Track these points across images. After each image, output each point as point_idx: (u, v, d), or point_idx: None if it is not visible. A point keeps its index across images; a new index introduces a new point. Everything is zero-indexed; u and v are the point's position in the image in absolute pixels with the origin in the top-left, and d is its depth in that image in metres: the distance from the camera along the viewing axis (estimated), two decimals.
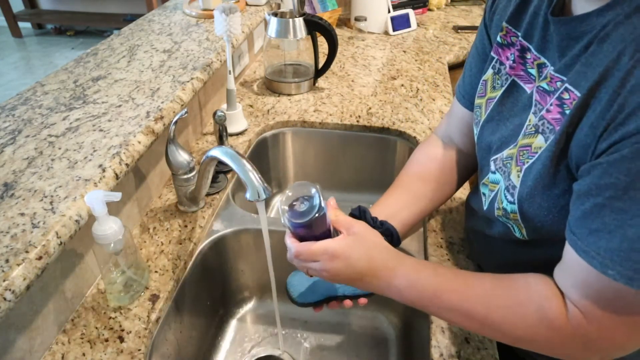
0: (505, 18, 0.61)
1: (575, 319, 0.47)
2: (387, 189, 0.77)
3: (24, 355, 0.58)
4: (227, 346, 0.90)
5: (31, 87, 0.88)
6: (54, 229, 0.57)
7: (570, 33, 0.48)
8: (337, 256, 0.55)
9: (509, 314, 0.51)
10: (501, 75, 0.62)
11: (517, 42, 0.59)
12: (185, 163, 0.79)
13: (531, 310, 0.49)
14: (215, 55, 1.04)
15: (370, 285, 0.57)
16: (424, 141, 0.82)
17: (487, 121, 0.63)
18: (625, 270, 0.41)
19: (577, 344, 0.48)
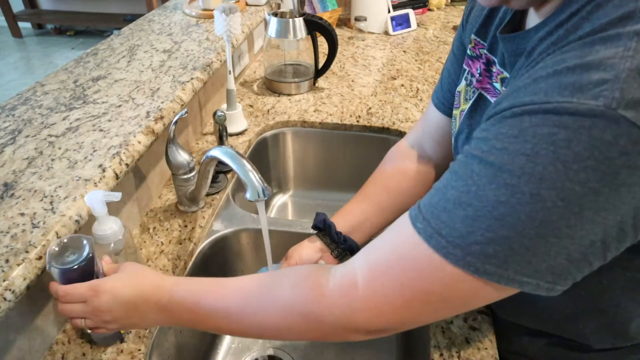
0: (474, 30, 0.61)
1: (341, 285, 0.46)
2: (354, 196, 0.77)
3: (24, 355, 0.58)
4: (226, 346, 0.90)
5: (31, 87, 0.88)
6: (54, 229, 0.57)
7: (514, 49, 0.48)
8: (103, 290, 0.52)
9: (262, 302, 0.49)
10: (471, 87, 0.61)
11: (484, 54, 0.58)
12: (185, 163, 0.79)
13: (284, 293, 0.49)
14: (215, 55, 1.04)
15: (147, 315, 0.53)
16: (394, 149, 0.80)
17: (458, 133, 0.62)
18: (429, 226, 0.41)
19: (337, 314, 0.46)
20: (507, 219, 0.37)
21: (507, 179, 0.37)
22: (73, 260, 0.52)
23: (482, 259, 0.38)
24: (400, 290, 0.43)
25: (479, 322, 0.66)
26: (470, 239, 0.39)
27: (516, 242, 0.37)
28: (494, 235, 0.38)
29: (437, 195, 0.42)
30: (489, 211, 0.38)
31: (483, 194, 0.38)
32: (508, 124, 0.38)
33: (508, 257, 0.38)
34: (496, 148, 0.38)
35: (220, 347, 0.89)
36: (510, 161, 0.37)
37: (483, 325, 0.65)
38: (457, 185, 0.40)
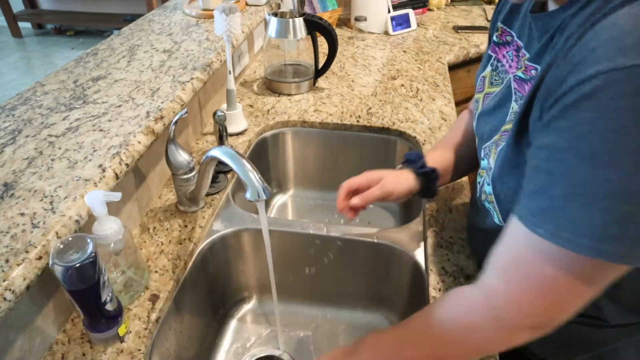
0: (500, 18, 0.66)
1: (485, 290, 0.49)
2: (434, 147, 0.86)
3: (24, 355, 0.58)
4: (227, 346, 0.90)
5: (31, 87, 0.88)
6: (54, 229, 0.57)
7: (544, 27, 0.51)
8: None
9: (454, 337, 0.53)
10: (499, 72, 0.65)
11: (513, 41, 0.62)
12: (185, 163, 0.79)
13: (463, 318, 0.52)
14: (215, 55, 1.04)
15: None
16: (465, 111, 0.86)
17: (481, 114, 0.67)
18: (551, 228, 0.42)
19: (489, 320, 0.49)
20: (621, 195, 0.38)
21: (607, 158, 0.37)
22: (76, 259, 0.52)
23: (610, 241, 0.39)
24: (539, 290, 0.45)
25: None
26: (593, 226, 0.39)
27: (637, 214, 0.38)
28: (614, 214, 0.38)
29: (542, 199, 0.43)
30: (601, 194, 0.38)
31: (590, 181, 0.39)
32: (584, 107, 0.38)
33: (637, 233, 0.38)
34: (584, 134, 0.38)
35: (220, 348, 0.89)
36: (602, 142, 0.37)
37: None
38: (559, 181, 0.41)
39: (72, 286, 0.54)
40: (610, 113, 0.37)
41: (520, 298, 0.46)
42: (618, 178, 0.37)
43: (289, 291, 0.95)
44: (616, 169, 0.37)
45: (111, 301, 0.60)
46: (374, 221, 1.17)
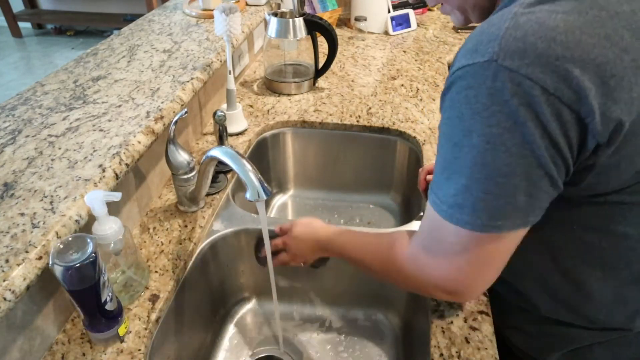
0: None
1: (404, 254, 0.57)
2: None
3: (24, 355, 0.58)
4: (227, 346, 0.90)
5: (31, 87, 0.88)
6: (54, 229, 0.57)
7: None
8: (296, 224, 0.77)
9: (373, 255, 0.64)
10: None
11: None
12: (185, 163, 0.79)
13: (385, 250, 0.61)
14: (215, 55, 1.04)
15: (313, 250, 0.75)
16: None
17: None
18: (433, 195, 0.50)
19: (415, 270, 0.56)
20: (462, 170, 0.45)
21: (454, 138, 0.46)
22: (76, 259, 0.52)
23: (458, 209, 0.47)
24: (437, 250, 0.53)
25: (479, 322, 0.66)
26: (449, 195, 0.47)
27: (474, 188, 0.45)
28: (458, 185, 0.46)
29: (436, 172, 0.51)
30: (452, 169, 0.47)
31: (448, 158, 0.47)
32: (446, 98, 0.47)
33: (475, 204, 0.45)
34: (444, 119, 0.48)
35: (220, 348, 0.89)
36: (451, 125, 0.46)
37: (483, 325, 0.65)
38: (437, 158, 0.50)
39: (72, 286, 0.54)
40: (454, 102, 0.45)
41: (429, 262, 0.53)
42: (461, 156, 0.45)
43: (289, 291, 0.95)
44: (460, 148, 0.45)
45: (111, 301, 0.60)
46: (374, 221, 1.17)
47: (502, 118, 0.42)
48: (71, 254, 0.53)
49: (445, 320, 0.66)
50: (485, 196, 0.45)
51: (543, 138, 0.42)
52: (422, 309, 0.74)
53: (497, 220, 0.45)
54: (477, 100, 0.43)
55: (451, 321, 0.66)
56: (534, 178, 0.43)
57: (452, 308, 0.68)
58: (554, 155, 0.43)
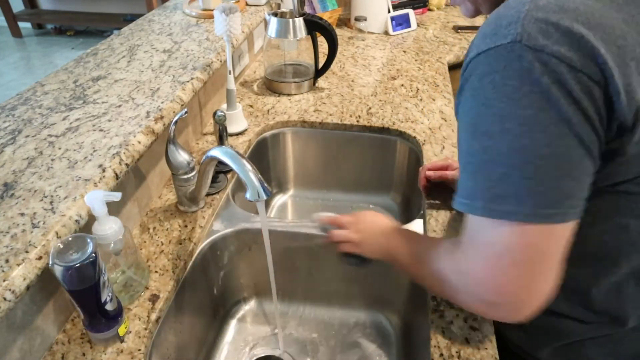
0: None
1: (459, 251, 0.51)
2: None
3: (24, 355, 0.58)
4: (227, 346, 0.90)
5: (31, 87, 0.88)
6: (54, 229, 0.57)
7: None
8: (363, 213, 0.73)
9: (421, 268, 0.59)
10: None
11: None
12: (185, 163, 0.79)
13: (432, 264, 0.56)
14: (215, 55, 1.04)
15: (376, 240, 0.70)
16: None
17: None
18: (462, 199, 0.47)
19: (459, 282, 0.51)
20: (497, 159, 0.43)
21: (482, 127, 0.43)
22: (76, 259, 0.52)
23: (499, 201, 0.43)
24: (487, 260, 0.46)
25: (479, 322, 0.66)
26: (480, 189, 0.44)
27: (514, 174, 0.42)
28: (495, 175, 0.43)
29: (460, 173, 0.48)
30: (482, 160, 0.44)
31: (473, 150, 0.44)
32: (465, 89, 0.45)
33: (518, 191, 0.42)
34: (465, 111, 0.45)
35: (220, 348, 0.89)
36: (477, 114, 0.44)
37: (483, 325, 0.65)
38: (459, 156, 0.47)
39: (72, 286, 0.54)
40: (477, 90, 0.43)
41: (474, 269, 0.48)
42: (491, 144, 0.43)
43: (288, 291, 0.96)
44: (490, 136, 0.43)
45: (111, 301, 0.60)
46: None
47: (535, 98, 0.40)
48: (71, 254, 0.53)
49: (445, 320, 0.66)
50: (528, 182, 0.41)
51: (578, 115, 0.40)
52: (422, 309, 0.74)
53: (544, 207, 0.42)
54: (504, 83, 0.41)
55: (451, 321, 0.66)
56: (576, 158, 0.41)
57: (452, 308, 0.68)
58: (590, 133, 0.41)
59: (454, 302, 0.55)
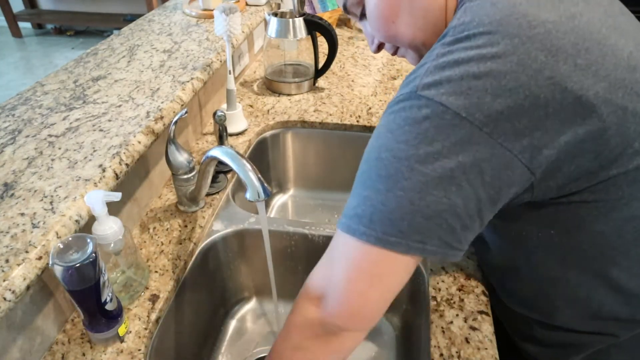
0: None
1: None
2: None
3: (24, 355, 0.58)
4: (227, 346, 0.90)
5: (31, 87, 0.88)
6: (54, 229, 0.57)
7: None
8: None
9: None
10: None
11: None
12: (185, 163, 0.79)
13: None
14: (215, 55, 1.04)
15: None
16: None
17: None
18: (340, 217, 0.50)
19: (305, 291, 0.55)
20: (366, 182, 0.47)
21: (366, 155, 0.49)
22: (76, 259, 0.52)
23: (356, 219, 0.47)
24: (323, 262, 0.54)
25: (479, 322, 0.66)
26: (349, 208, 0.48)
27: (373, 198, 0.46)
28: (360, 197, 0.47)
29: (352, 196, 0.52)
30: (359, 181, 0.49)
31: (359, 172, 0.49)
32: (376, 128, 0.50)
33: (373, 214, 0.46)
34: (370, 140, 0.50)
35: (220, 348, 0.89)
36: (369, 144, 0.49)
37: (483, 325, 0.65)
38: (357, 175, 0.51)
39: (72, 286, 0.54)
40: (377, 127, 0.49)
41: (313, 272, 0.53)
42: (366, 169, 0.48)
43: (289, 291, 0.95)
44: (367, 162, 0.48)
45: (111, 301, 0.60)
46: None
47: (411, 137, 0.44)
48: (71, 254, 0.53)
49: (445, 320, 0.66)
50: (383, 208, 0.45)
51: (448, 159, 0.43)
52: (422, 309, 0.74)
53: (391, 235, 0.45)
54: (394, 121, 0.46)
55: (451, 321, 0.66)
56: (430, 198, 0.44)
57: (452, 308, 0.68)
58: (460, 179, 0.43)
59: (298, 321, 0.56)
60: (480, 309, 0.68)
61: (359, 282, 0.48)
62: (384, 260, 0.47)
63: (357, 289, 0.49)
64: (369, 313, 0.50)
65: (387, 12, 0.56)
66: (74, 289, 0.55)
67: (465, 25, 0.46)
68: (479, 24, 0.44)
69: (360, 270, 0.48)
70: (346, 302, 0.49)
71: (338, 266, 0.50)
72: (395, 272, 0.48)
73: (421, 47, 0.57)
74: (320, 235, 0.85)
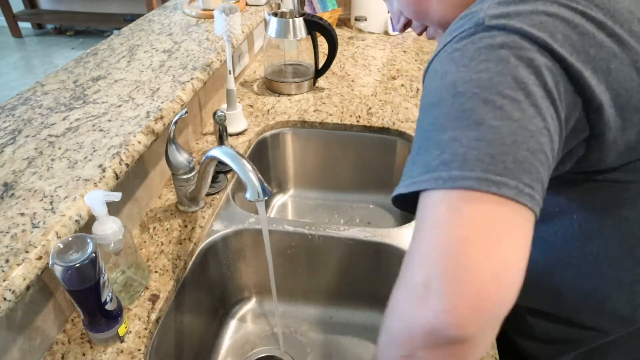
0: None
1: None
2: None
3: (24, 355, 0.58)
4: (227, 346, 0.90)
5: (31, 87, 0.88)
6: (54, 229, 0.57)
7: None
8: None
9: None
10: None
11: None
12: (185, 163, 0.79)
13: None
14: (215, 55, 1.04)
15: None
16: None
17: None
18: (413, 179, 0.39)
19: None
20: (446, 124, 0.39)
21: (434, 99, 0.42)
22: (76, 259, 0.52)
23: (444, 168, 0.37)
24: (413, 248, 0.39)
25: None
26: (427, 162, 0.39)
27: (462, 136, 0.37)
28: (443, 142, 0.38)
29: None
30: (433, 129, 0.40)
31: (427, 123, 0.41)
32: (427, 74, 0.46)
33: (466, 153, 0.36)
34: (423, 94, 0.45)
35: (220, 348, 0.89)
36: (432, 89, 0.43)
37: None
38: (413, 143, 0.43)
39: (72, 286, 0.54)
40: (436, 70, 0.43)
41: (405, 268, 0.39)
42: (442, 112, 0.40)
43: (289, 291, 0.96)
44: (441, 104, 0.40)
45: (111, 301, 0.60)
46: (374, 221, 1.17)
47: (492, 65, 0.39)
48: (71, 254, 0.53)
49: None
50: (478, 143, 0.36)
51: (537, 85, 0.39)
52: None
53: (495, 173, 0.35)
54: (463, 56, 0.41)
55: None
56: (530, 126, 0.37)
57: None
58: (549, 107, 0.39)
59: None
60: None
61: (470, 248, 0.34)
62: (493, 210, 0.35)
63: (469, 260, 0.34)
64: (497, 292, 0.33)
65: None
66: (74, 289, 0.55)
67: None
68: None
69: (466, 230, 0.34)
70: (461, 284, 0.33)
71: (432, 238, 0.36)
72: (512, 224, 0.35)
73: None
74: (320, 235, 0.85)
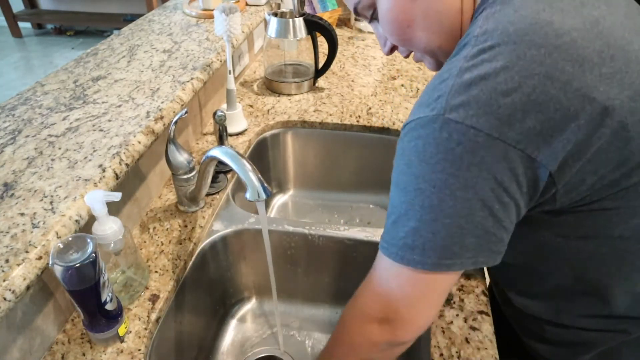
0: None
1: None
2: None
3: (24, 355, 0.58)
4: (227, 346, 0.90)
5: (31, 87, 0.88)
6: (54, 229, 0.57)
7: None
8: None
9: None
10: None
11: None
12: (185, 163, 0.79)
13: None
14: (215, 55, 1.04)
15: None
16: None
17: None
18: (382, 241, 0.52)
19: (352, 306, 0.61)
20: (409, 213, 0.48)
21: (401, 184, 0.48)
22: (76, 259, 0.52)
23: (408, 250, 0.48)
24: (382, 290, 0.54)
25: (479, 322, 0.66)
26: (396, 237, 0.49)
27: (422, 229, 0.47)
28: (407, 228, 0.48)
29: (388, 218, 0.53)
30: (400, 213, 0.49)
31: (395, 203, 0.49)
32: (398, 147, 0.50)
33: (424, 244, 0.47)
34: (394, 168, 0.50)
35: (220, 348, 0.89)
36: (400, 172, 0.49)
37: (483, 325, 0.65)
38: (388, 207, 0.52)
39: (72, 286, 0.54)
40: (404, 151, 0.48)
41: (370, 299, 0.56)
42: (408, 200, 0.47)
43: (289, 291, 0.96)
44: (406, 193, 0.48)
45: (111, 301, 0.60)
46: (373, 221, 1.17)
47: (447, 165, 0.44)
48: (71, 254, 0.53)
49: (445, 320, 0.66)
50: (434, 237, 0.46)
51: (487, 180, 0.43)
52: None
53: (446, 259, 0.47)
54: (424, 149, 0.45)
55: (451, 321, 0.66)
56: (477, 219, 0.45)
57: (452, 308, 0.68)
58: (501, 195, 0.44)
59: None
60: (480, 309, 0.68)
61: (423, 305, 0.52)
62: (441, 280, 0.50)
63: (422, 312, 0.53)
64: (428, 324, 0.55)
65: (401, 17, 0.54)
66: (74, 289, 0.55)
67: (488, 35, 0.44)
68: (503, 33, 0.43)
69: (422, 295, 0.51)
70: (415, 324, 0.54)
71: (399, 294, 0.52)
72: (450, 285, 0.52)
73: (437, 51, 0.56)
74: (320, 236, 0.85)
